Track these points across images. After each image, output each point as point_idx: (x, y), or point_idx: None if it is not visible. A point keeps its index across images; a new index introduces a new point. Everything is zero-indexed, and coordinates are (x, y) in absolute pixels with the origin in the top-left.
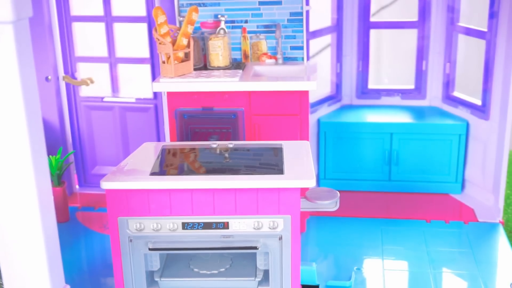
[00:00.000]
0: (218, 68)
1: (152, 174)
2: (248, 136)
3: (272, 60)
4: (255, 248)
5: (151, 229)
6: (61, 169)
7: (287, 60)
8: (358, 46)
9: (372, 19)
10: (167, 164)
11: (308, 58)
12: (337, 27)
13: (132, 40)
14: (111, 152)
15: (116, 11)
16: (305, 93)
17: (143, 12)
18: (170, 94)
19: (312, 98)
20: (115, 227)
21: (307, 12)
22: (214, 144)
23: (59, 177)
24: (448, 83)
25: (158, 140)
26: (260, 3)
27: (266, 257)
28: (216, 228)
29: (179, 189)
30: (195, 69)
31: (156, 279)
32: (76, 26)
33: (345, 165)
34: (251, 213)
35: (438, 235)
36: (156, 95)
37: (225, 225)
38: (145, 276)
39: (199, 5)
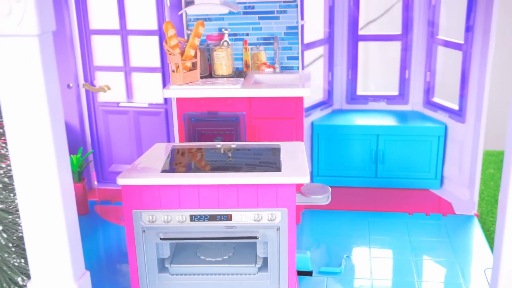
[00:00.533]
0: (222, 76)
1: (163, 171)
2: (249, 137)
3: (271, 69)
4: (255, 238)
5: (162, 221)
6: (81, 166)
7: (284, 69)
8: (347, 56)
9: (360, 32)
10: (176, 162)
11: (303, 67)
12: (329, 40)
13: (145, 51)
14: (126, 152)
15: (130, 25)
16: (300, 99)
17: (154, 26)
18: (179, 100)
19: (306, 103)
20: (130, 219)
21: (302, 26)
22: (218, 144)
23: (79, 174)
24: (429, 90)
25: (168, 141)
26: (260, 18)
27: (265, 246)
28: (220, 220)
29: (187, 185)
30: (201, 77)
31: (167, 265)
32: (95, 39)
33: (336, 164)
34: (251, 206)
35: (420, 226)
36: (166, 100)
37: (228, 217)
38: (156, 263)
39: (205, 19)
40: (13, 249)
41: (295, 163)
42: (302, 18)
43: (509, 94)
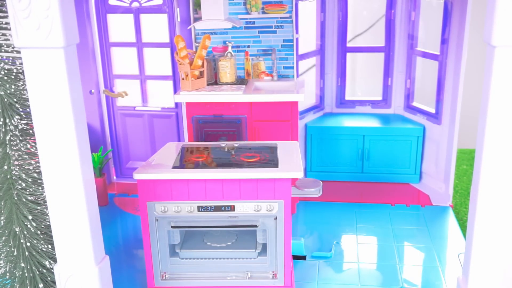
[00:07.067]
0: (226, 84)
1: (174, 167)
2: (250, 137)
3: (269, 77)
4: (255, 226)
5: (173, 211)
6: (102, 163)
7: (280, 77)
8: (337, 66)
9: (348, 44)
10: (186, 159)
11: (297, 76)
12: (321, 51)
13: (158, 61)
14: (141, 150)
15: (145, 38)
16: (295, 103)
17: (166, 39)
18: (188, 104)
19: (301, 107)
20: (145, 209)
21: (297, 39)
22: (223, 143)
23: (100, 170)
24: (409, 95)
25: (179, 140)
26: (260, 32)
27: (264, 233)
28: (225, 210)
29: (195, 179)
30: (208, 84)
31: (177, 250)
32: (114, 50)
33: (327, 160)
34: (252, 198)
35: (401, 216)
36: (177, 105)
37: (232, 208)
38: (168, 248)
39: (211, 33)
40: (41, 236)
41: (291, 160)
42: (297, 32)
43: (480, 98)
